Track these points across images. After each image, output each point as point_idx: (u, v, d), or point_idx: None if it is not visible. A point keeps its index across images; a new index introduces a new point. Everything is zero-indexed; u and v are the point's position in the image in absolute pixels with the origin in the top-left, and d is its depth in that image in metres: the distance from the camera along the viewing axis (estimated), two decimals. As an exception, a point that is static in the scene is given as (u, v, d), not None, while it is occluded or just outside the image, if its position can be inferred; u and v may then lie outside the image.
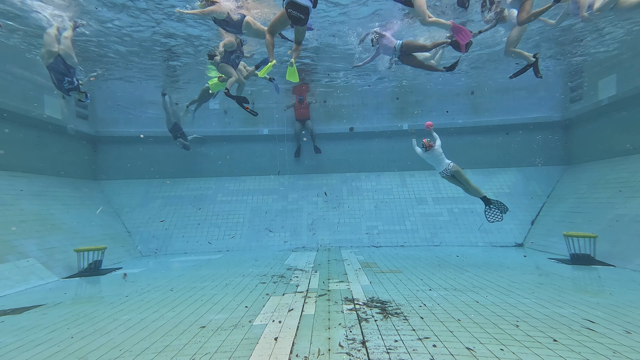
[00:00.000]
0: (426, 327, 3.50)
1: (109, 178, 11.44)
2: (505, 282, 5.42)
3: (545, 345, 3.02)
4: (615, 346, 2.97)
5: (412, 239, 10.13)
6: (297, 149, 12.02)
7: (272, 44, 5.40)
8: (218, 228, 10.65)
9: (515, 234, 9.84)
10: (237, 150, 12.14)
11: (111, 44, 8.36)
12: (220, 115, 12.11)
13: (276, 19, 5.20)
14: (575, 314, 3.83)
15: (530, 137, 11.40)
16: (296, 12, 4.68)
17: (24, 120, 8.69)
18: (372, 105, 12.27)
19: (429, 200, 11.12)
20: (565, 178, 10.64)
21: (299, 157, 12.12)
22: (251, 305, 4.49)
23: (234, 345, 3.21)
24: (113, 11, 7.11)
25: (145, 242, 10.16)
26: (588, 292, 4.83)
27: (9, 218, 7.24)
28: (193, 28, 7.86)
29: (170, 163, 11.70)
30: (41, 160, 9.25)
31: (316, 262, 7.65)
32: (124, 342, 3.41)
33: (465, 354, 2.87)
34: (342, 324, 3.65)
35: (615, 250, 6.84)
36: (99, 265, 7.54)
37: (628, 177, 8.16)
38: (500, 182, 11.31)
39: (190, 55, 9.14)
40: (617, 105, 8.96)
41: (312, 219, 10.87)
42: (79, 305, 4.97)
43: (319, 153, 11.98)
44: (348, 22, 7.88)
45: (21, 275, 6.34)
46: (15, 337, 3.67)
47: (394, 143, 12.07)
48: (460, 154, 11.87)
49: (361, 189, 11.72)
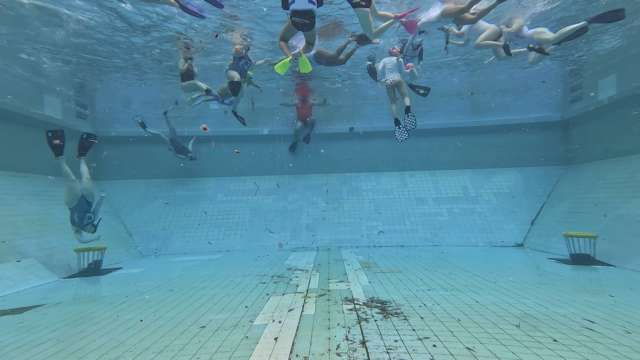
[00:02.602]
0: (426, 327, 3.50)
1: (108, 178, 11.43)
2: (505, 282, 5.43)
3: (545, 345, 3.03)
4: (615, 346, 2.97)
5: (412, 239, 10.14)
6: (292, 143, 12.03)
7: (286, 46, 5.55)
8: (218, 228, 10.66)
9: (516, 234, 9.84)
10: (237, 150, 12.13)
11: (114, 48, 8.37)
12: (220, 115, 12.11)
13: (284, 28, 5.30)
14: (575, 314, 3.83)
15: (530, 137, 11.41)
16: (300, 18, 4.74)
17: (24, 120, 8.69)
18: (372, 105, 12.27)
19: (429, 200, 11.12)
20: (565, 178, 10.64)
21: (294, 152, 12.13)
22: (251, 305, 4.49)
23: (234, 345, 3.21)
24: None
25: (145, 242, 10.17)
26: (588, 292, 4.83)
27: (9, 218, 7.25)
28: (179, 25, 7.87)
29: (170, 163, 11.69)
30: (41, 160, 9.24)
31: (316, 262, 7.65)
32: (124, 342, 3.41)
33: (465, 354, 2.87)
34: (342, 324, 3.65)
35: (615, 250, 6.84)
36: (99, 265, 7.55)
37: (628, 177, 8.16)
38: (500, 182, 11.31)
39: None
40: (617, 105, 8.96)
41: (312, 219, 10.87)
42: (79, 305, 4.97)
43: (307, 142, 12.04)
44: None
45: (21, 275, 6.34)
46: (15, 337, 3.67)
47: (394, 143, 12.05)
48: (460, 154, 11.93)
49: (361, 189, 11.72)
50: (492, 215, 10.41)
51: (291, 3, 4.77)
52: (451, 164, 11.93)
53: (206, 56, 9.15)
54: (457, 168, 11.87)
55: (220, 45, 8.54)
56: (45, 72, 9.25)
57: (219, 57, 9.19)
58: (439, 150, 11.95)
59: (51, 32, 7.46)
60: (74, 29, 7.40)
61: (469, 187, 11.33)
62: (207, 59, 9.31)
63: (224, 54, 8.98)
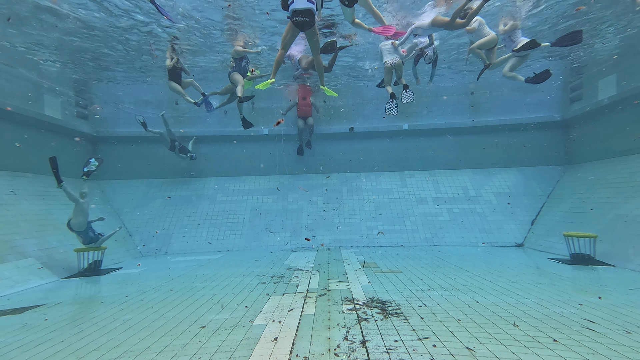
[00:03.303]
0: (426, 327, 3.50)
1: (109, 178, 11.42)
2: (505, 282, 5.43)
3: (545, 345, 3.03)
4: (615, 346, 2.97)
5: (412, 239, 10.14)
6: (299, 146, 12.00)
7: (279, 63, 5.79)
8: (218, 228, 10.65)
9: (516, 234, 9.84)
10: (237, 150, 12.14)
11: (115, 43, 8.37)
12: (220, 115, 12.11)
13: (286, 30, 5.42)
14: (575, 314, 3.83)
15: (530, 137, 11.41)
16: (300, 17, 4.85)
17: (24, 120, 8.69)
18: (372, 105, 12.26)
19: (429, 200, 11.12)
20: (565, 178, 10.64)
21: (302, 155, 12.10)
22: (251, 305, 4.49)
23: (234, 345, 3.21)
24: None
25: (145, 242, 10.17)
26: (588, 292, 4.83)
27: (9, 218, 7.25)
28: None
29: (170, 163, 11.69)
30: (41, 160, 9.24)
31: (316, 262, 7.65)
32: (124, 342, 3.41)
33: (465, 354, 2.87)
34: (342, 324, 3.65)
35: (615, 250, 6.84)
36: (99, 265, 7.55)
37: (628, 177, 8.16)
38: (500, 182, 11.31)
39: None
40: (617, 105, 8.96)
41: (312, 219, 10.87)
42: (79, 305, 4.97)
43: (308, 148, 12.01)
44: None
45: (21, 275, 6.35)
46: (15, 337, 3.68)
47: (394, 143, 12.07)
48: (460, 154, 11.92)
49: (361, 189, 11.72)
50: (492, 215, 10.41)
51: (290, 3, 4.84)
52: (451, 164, 11.93)
53: (204, 55, 9.17)
54: (457, 168, 11.87)
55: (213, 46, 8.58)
56: (45, 72, 9.26)
57: (216, 57, 9.21)
58: (439, 150, 11.95)
59: (50, 31, 7.46)
60: (70, 27, 7.42)
61: (469, 187, 11.33)
62: (206, 58, 9.32)
63: (221, 54, 9.00)
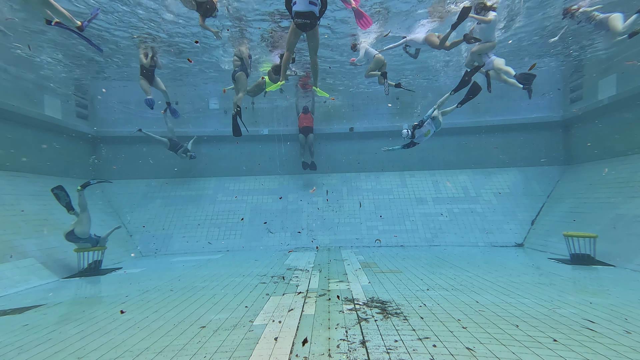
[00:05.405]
0: (426, 327, 3.50)
1: (108, 178, 11.41)
2: (505, 282, 5.43)
3: (545, 345, 3.03)
4: (615, 346, 2.97)
5: (412, 239, 10.14)
6: (303, 162, 11.81)
7: (287, 64, 5.95)
8: (218, 228, 10.65)
9: (516, 233, 9.84)
10: (237, 150, 12.14)
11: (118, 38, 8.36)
12: (220, 115, 12.11)
13: (289, 33, 5.51)
14: (575, 314, 3.83)
15: (530, 137, 11.40)
16: (302, 19, 4.95)
17: (24, 120, 8.69)
18: (372, 105, 12.27)
19: (429, 200, 11.12)
20: (565, 178, 10.64)
21: (305, 169, 12.01)
22: (251, 305, 4.49)
23: (234, 345, 3.21)
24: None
25: (145, 242, 10.16)
26: (588, 292, 4.83)
27: (9, 218, 7.25)
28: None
29: (170, 163, 11.69)
30: (41, 160, 9.25)
31: (316, 262, 7.65)
32: (124, 342, 3.41)
33: (465, 354, 2.87)
34: (342, 324, 3.65)
35: (615, 250, 6.84)
36: (99, 265, 7.55)
37: (628, 177, 8.16)
38: (500, 182, 11.31)
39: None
40: (617, 105, 8.96)
41: (311, 220, 10.87)
42: (79, 305, 4.97)
43: (314, 170, 11.84)
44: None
45: (21, 275, 6.34)
46: (15, 337, 3.67)
47: (394, 143, 12.03)
48: (460, 154, 11.92)
49: (361, 189, 11.72)
50: (492, 215, 10.41)
51: (293, 4, 4.92)
52: (451, 164, 11.93)
53: (201, 55, 9.17)
54: (457, 168, 11.87)
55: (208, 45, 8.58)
56: (44, 72, 9.26)
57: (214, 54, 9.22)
58: (439, 150, 11.95)
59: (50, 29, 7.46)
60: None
61: (469, 187, 11.33)
62: (206, 57, 9.33)
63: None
